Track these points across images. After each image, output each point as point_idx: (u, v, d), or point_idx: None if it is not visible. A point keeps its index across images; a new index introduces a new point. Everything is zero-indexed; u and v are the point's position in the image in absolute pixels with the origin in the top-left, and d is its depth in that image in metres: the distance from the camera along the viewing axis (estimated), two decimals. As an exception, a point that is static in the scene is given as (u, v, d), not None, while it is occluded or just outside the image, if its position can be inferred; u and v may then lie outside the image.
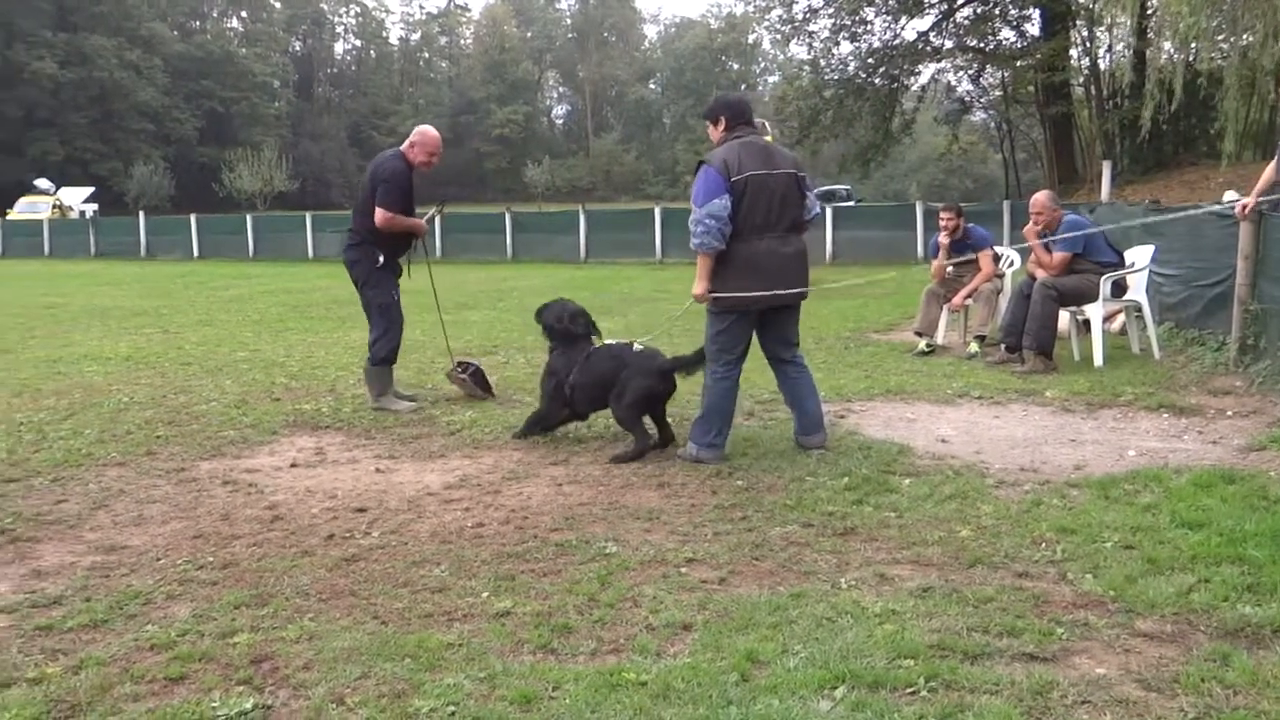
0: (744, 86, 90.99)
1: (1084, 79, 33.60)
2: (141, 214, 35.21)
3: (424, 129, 7.31)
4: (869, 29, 36.93)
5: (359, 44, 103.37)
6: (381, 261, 7.10)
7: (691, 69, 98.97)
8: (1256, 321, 7.26)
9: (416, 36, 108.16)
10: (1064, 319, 8.40)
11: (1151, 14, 25.15)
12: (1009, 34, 36.28)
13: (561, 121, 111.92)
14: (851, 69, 37.16)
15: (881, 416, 6.60)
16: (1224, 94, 20.25)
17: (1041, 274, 8.25)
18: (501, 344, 10.18)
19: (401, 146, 7.26)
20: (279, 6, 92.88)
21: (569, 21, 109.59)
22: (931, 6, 36.16)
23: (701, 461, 5.46)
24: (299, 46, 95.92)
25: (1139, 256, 8.54)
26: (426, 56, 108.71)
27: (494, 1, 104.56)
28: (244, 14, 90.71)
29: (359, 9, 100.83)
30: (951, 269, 9.44)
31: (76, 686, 3.02)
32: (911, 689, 2.88)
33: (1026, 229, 8.66)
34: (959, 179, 67.47)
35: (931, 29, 36.56)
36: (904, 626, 3.28)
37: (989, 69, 38.12)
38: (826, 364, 8.40)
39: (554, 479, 5.26)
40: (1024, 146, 47.01)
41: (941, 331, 9.40)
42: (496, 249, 26.40)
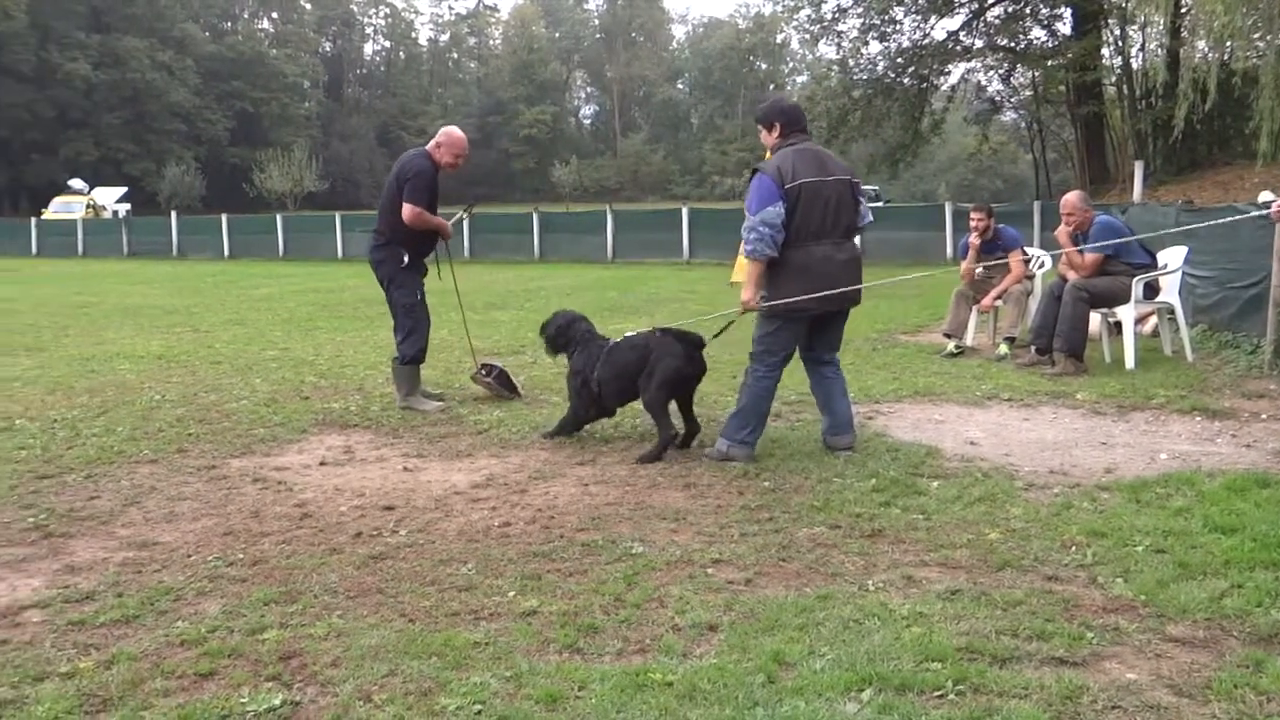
0: (772, 87, 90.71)
1: (1116, 78, 33.22)
2: (173, 214, 35.58)
3: (450, 130, 7.29)
4: (898, 28, 36.68)
5: (388, 45, 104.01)
6: (407, 261, 7.11)
7: (719, 69, 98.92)
8: (1292, 324, 7.16)
9: (445, 37, 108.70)
10: (1095, 321, 8.32)
11: (1185, 12, 24.85)
12: (1040, 33, 35.94)
13: (589, 122, 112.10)
14: (880, 69, 36.92)
15: (910, 418, 6.57)
16: (1259, 93, 19.95)
17: (1073, 275, 8.18)
18: (529, 344, 10.19)
19: (427, 146, 7.24)
20: (309, 8, 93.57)
21: (597, 22, 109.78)
22: (962, 6, 35.88)
23: (731, 459, 5.46)
24: (329, 47, 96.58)
25: (1172, 258, 8.44)
26: (455, 57, 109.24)
27: (523, 2, 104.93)
28: (275, 15, 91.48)
29: (388, 10, 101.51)
30: (981, 270, 9.38)
31: (108, 681, 3.05)
32: (939, 692, 2.87)
33: (1059, 231, 8.59)
34: (989, 179, 66.99)
35: (961, 28, 36.27)
36: (932, 629, 3.26)
37: (1019, 68, 37.75)
38: (854, 365, 8.36)
39: (580, 479, 5.27)
40: (1055, 146, 46.55)
41: (971, 333, 9.34)
42: (524, 249, 26.49)
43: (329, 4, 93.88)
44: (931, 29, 36.57)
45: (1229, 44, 20.07)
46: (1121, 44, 32.34)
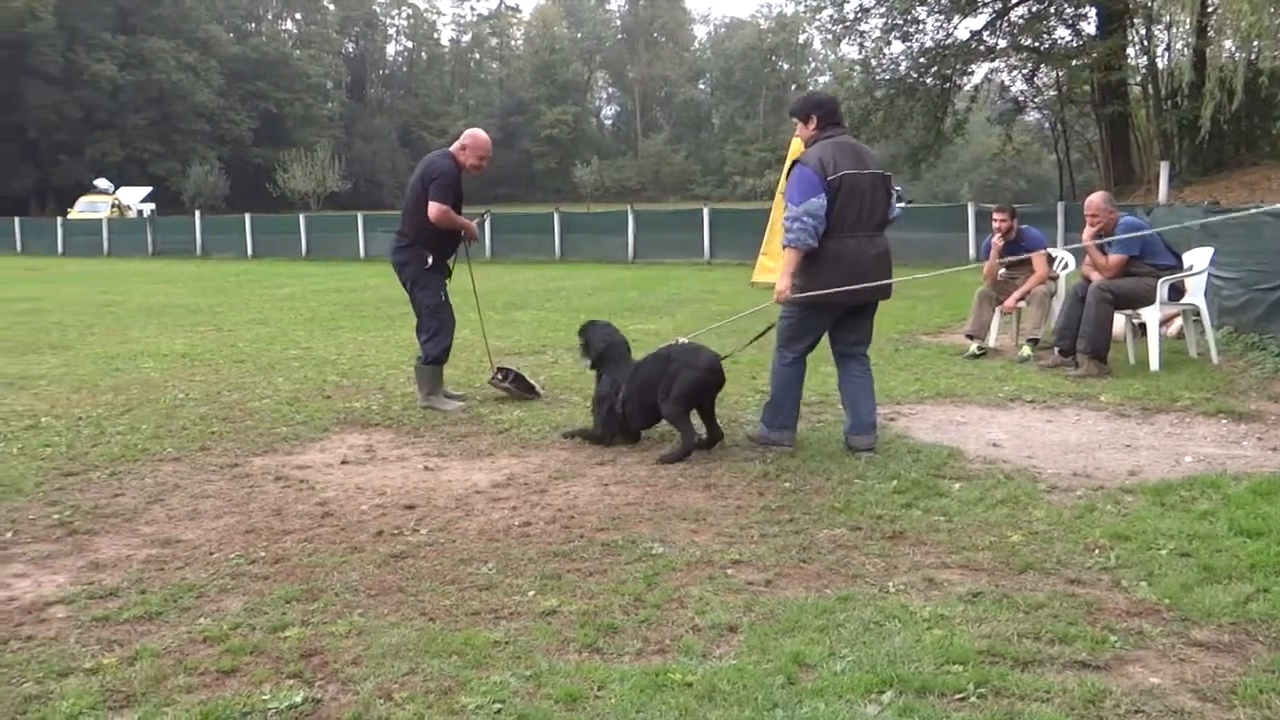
0: (794, 87, 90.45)
1: (1141, 78, 32.98)
2: (198, 214, 35.77)
3: (475, 132, 7.29)
4: (921, 28, 36.53)
5: (410, 45, 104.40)
6: (430, 263, 7.12)
7: (741, 69, 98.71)
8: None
9: (467, 38, 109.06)
10: (1119, 322, 8.26)
11: (1212, 12, 24.64)
12: (1064, 33, 35.67)
13: (610, 122, 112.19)
14: (903, 69, 36.77)
15: (931, 420, 6.54)
16: (1286, 93, 19.83)
17: (1097, 276, 8.12)
18: (550, 344, 10.22)
19: (451, 148, 7.26)
20: (332, 9, 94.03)
21: (619, 22, 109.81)
22: (985, 5, 35.69)
23: (772, 444, 5.57)
24: (351, 48, 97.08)
25: (1197, 259, 8.37)
26: (477, 57, 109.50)
27: (544, 2, 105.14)
28: (298, 16, 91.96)
29: (411, 10, 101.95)
30: (1004, 271, 9.33)
31: (131, 677, 3.08)
32: (960, 695, 2.85)
33: (1085, 233, 8.52)
34: (1012, 179, 66.59)
35: (985, 28, 36.07)
36: (953, 632, 3.24)
37: (1043, 68, 37.50)
38: (876, 366, 8.23)
39: (601, 479, 5.27)
40: (1079, 147, 46.21)
41: (993, 334, 9.29)
42: (545, 249, 26.51)
43: (352, 5, 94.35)
44: (955, 29, 36.44)
45: (1256, 43, 19.92)
46: (1147, 43, 32.12)
